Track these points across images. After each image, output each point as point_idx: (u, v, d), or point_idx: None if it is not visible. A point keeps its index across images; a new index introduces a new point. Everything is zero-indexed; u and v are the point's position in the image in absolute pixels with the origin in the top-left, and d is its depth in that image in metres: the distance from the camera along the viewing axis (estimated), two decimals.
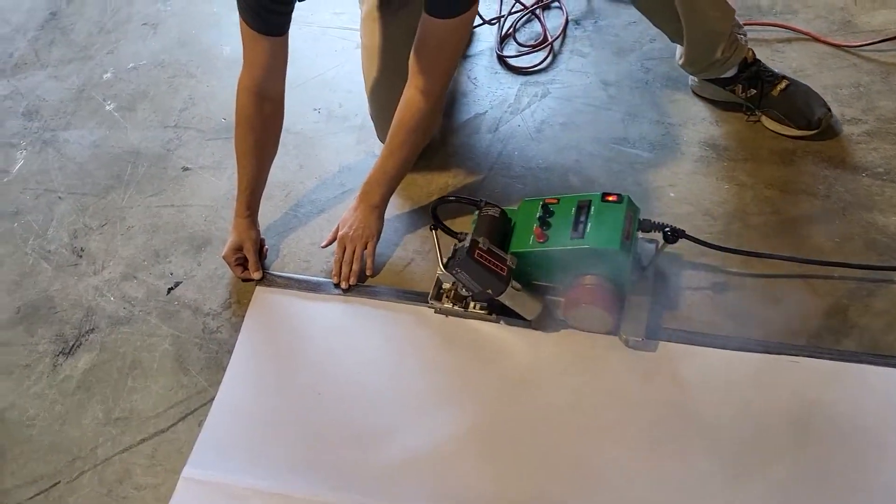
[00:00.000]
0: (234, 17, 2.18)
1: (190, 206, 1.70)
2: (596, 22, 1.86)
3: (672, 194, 1.49)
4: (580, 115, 1.67)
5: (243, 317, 1.48)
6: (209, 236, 1.63)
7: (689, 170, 1.52)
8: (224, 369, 1.41)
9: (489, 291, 1.28)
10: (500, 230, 1.35)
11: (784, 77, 1.53)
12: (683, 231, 1.25)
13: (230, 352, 1.43)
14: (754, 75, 1.52)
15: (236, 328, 1.47)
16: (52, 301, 1.58)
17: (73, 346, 1.50)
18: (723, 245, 1.33)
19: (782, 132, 1.52)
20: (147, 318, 1.52)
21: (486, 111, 1.73)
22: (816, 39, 1.68)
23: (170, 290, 1.55)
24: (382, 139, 1.65)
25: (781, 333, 1.27)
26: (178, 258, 1.60)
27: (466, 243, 1.26)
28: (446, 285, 1.41)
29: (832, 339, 1.26)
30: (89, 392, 1.43)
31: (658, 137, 1.59)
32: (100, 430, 1.37)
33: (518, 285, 1.27)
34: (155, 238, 1.65)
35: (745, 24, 1.58)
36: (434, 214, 1.45)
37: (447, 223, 1.46)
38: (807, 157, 1.50)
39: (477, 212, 1.39)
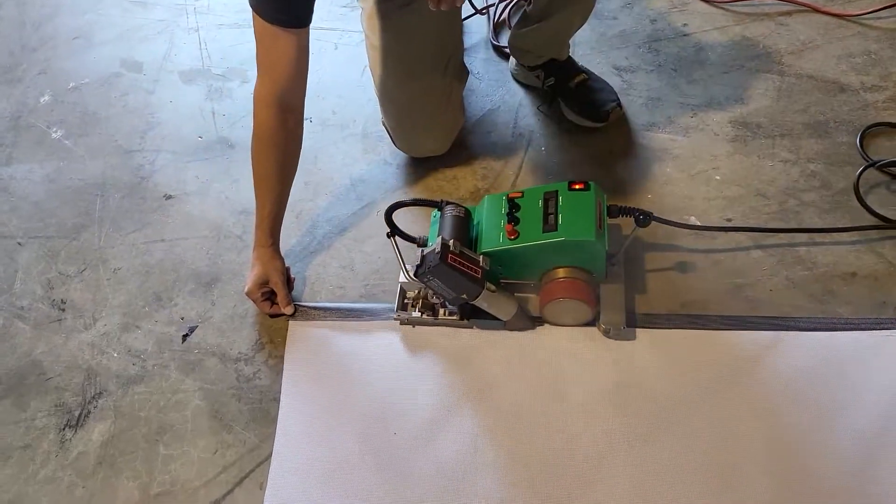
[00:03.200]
0: (184, 22, 2.00)
1: (185, 238, 1.50)
2: None
3: (718, 177, 1.44)
4: None
5: (281, 358, 1.31)
6: (217, 271, 1.44)
7: (728, 150, 1.48)
8: (274, 420, 1.24)
9: (464, 296, 1.19)
10: (466, 230, 1.25)
11: (583, 71, 1.55)
12: (652, 213, 1.21)
13: (276, 399, 1.26)
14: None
15: (276, 371, 1.30)
16: (41, 366, 1.35)
17: (80, 415, 1.29)
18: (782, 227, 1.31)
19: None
20: (165, 372, 1.32)
21: (499, 106, 1.62)
22: (816, 10, 1.68)
23: (185, 337, 1.36)
24: (403, 147, 1.51)
25: (867, 308, 1.25)
26: (186, 300, 1.41)
27: (437, 248, 1.15)
28: (411, 294, 1.32)
29: None
30: (114, 468, 1.22)
31: (687, 120, 1.54)
32: None
33: (493, 286, 1.20)
34: (150, 280, 1.44)
35: None
36: (389, 220, 1.27)
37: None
38: (840, 128, 1.48)
39: (438, 212, 1.27)
